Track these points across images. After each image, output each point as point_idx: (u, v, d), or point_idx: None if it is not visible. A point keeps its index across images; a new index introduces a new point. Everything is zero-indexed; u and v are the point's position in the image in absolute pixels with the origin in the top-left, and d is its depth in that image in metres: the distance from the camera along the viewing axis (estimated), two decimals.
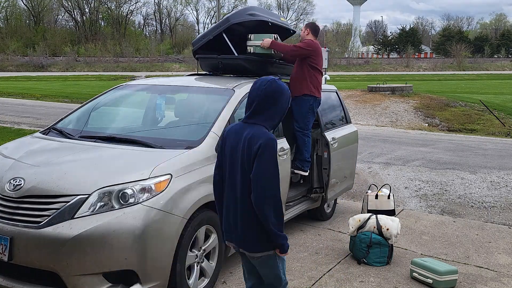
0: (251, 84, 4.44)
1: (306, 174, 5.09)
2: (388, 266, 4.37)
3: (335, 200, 5.96)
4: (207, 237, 3.63)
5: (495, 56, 64.55)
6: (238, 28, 5.06)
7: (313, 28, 5.16)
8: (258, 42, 4.89)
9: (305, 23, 5.33)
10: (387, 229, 4.45)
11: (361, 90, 20.76)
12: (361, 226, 4.50)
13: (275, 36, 4.91)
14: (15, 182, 3.24)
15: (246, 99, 2.60)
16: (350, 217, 4.66)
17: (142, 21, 77.77)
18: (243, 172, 2.45)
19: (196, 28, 77.30)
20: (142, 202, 3.14)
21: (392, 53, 67.31)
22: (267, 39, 4.85)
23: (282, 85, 2.54)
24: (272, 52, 4.95)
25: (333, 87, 6.15)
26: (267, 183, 2.40)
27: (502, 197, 6.91)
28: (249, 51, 4.96)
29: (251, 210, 2.44)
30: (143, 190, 3.18)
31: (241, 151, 2.45)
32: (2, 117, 14.48)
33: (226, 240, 2.65)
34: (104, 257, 3.01)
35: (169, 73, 38.68)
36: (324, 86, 5.73)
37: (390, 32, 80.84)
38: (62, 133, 4.11)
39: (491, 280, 4.17)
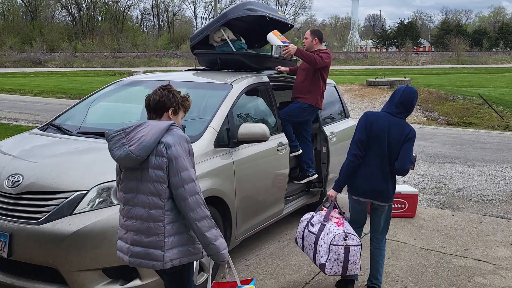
0: (249, 79, 4.49)
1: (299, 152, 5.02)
2: (387, 260, 4.38)
3: None
4: None
5: (493, 49, 64.50)
6: (236, 23, 5.05)
7: (320, 36, 5.07)
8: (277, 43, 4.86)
9: (309, 31, 5.15)
10: None
11: (359, 84, 20.76)
12: None
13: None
14: (14, 178, 3.24)
15: (398, 98, 3.45)
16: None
17: (139, 16, 77.48)
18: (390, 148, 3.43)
19: (194, 23, 77.04)
20: None
21: (390, 47, 67.20)
22: (292, 46, 4.81)
23: None
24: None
25: (331, 82, 6.13)
26: (410, 159, 3.42)
27: (500, 191, 6.93)
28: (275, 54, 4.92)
29: (391, 173, 3.48)
30: None
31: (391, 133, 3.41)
32: (0, 114, 14.45)
33: (362, 197, 3.55)
34: (104, 253, 3.01)
35: (167, 68, 38.59)
36: None
37: (389, 26, 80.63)
38: (60, 129, 4.10)
39: (490, 273, 4.19)
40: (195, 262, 3.52)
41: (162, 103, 2.51)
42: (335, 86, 6.09)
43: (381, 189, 3.50)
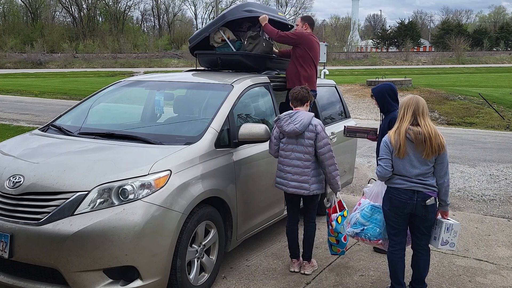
0: (249, 79, 4.50)
1: None
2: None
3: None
4: (207, 232, 3.64)
5: (494, 49, 64.49)
6: (236, 24, 5.05)
7: (310, 22, 5.12)
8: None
9: (300, 17, 5.27)
10: None
11: (360, 84, 20.75)
12: None
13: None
14: (15, 179, 3.25)
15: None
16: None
17: (140, 17, 77.50)
18: None
19: (194, 23, 77.07)
20: (141, 198, 3.14)
21: (391, 47, 67.21)
22: (264, 16, 4.93)
23: None
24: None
25: (332, 82, 6.14)
26: None
27: (501, 190, 6.93)
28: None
29: None
30: (143, 186, 3.18)
31: None
32: (0, 114, 14.47)
33: None
34: (105, 253, 3.02)
35: (168, 69, 38.61)
36: (323, 81, 5.73)
37: (389, 26, 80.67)
38: (61, 130, 4.11)
39: (491, 273, 4.19)
40: (196, 261, 3.54)
41: (305, 97, 3.95)
42: (335, 87, 6.09)
43: None
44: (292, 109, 4.02)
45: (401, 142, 3.31)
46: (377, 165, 3.52)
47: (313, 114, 3.96)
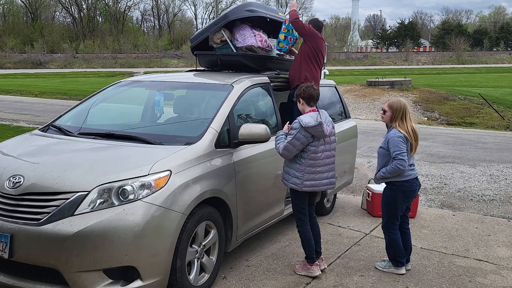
0: (249, 80, 4.50)
1: None
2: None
3: (335, 194, 5.96)
4: (207, 232, 3.64)
5: (494, 49, 64.52)
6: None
7: (316, 24, 5.06)
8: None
9: (308, 20, 5.28)
10: None
11: (360, 84, 20.75)
12: None
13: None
14: (15, 179, 3.24)
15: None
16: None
17: (140, 17, 77.53)
18: None
19: (194, 23, 77.10)
20: (142, 198, 3.14)
21: (391, 47, 67.22)
22: (293, 3, 5.06)
23: None
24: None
25: (332, 82, 6.14)
26: None
27: (501, 190, 6.93)
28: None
29: None
30: (143, 186, 3.18)
31: None
32: (0, 115, 14.47)
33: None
34: (105, 254, 3.02)
35: (168, 69, 38.62)
36: (323, 81, 5.72)
37: (389, 26, 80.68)
38: (61, 130, 4.10)
39: (491, 273, 4.19)
40: (196, 262, 3.54)
41: (318, 96, 4.01)
42: (335, 87, 6.09)
43: None
44: (294, 108, 4.03)
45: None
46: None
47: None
